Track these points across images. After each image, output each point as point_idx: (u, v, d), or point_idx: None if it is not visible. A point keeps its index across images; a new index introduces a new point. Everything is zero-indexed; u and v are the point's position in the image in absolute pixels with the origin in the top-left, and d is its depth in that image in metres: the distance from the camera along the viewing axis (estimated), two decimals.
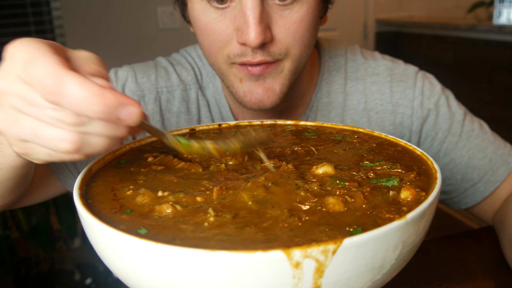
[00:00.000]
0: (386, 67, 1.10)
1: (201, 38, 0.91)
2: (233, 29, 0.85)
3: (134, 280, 0.47)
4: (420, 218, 0.47)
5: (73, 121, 0.48)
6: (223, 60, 0.89)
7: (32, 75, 0.46)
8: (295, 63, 0.89)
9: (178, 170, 0.63)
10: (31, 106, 0.48)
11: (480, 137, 1.05)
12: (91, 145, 0.50)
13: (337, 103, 1.08)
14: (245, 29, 0.81)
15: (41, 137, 0.49)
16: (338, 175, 0.59)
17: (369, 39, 4.09)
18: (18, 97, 0.48)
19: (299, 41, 0.87)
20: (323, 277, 0.42)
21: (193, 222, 0.48)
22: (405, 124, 1.08)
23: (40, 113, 0.48)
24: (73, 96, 0.45)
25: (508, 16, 3.00)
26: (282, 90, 0.90)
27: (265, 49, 0.85)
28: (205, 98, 1.08)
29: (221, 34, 0.86)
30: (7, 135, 0.52)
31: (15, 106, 0.49)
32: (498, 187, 1.03)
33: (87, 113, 0.46)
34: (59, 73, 0.46)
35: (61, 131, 0.49)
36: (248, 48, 0.84)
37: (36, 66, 0.46)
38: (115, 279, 2.14)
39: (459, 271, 0.85)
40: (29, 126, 0.49)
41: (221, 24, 0.85)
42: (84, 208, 0.50)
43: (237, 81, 0.90)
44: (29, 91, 0.48)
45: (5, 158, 0.65)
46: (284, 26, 0.85)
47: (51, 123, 0.49)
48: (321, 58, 1.10)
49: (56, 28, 3.20)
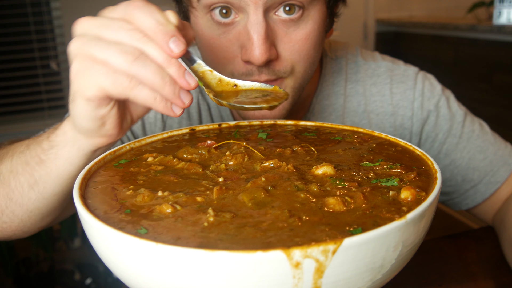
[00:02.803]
0: (386, 68, 1.10)
1: (204, 53, 0.90)
2: (238, 46, 0.83)
3: (134, 280, 0.47)
4: (420, 218, 0.47)
5: (138, 34, 0.57)
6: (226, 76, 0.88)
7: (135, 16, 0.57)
8: (298, 80, 0.88)
9: (178, 170, 0.63)
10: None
11: (481, 138, 1.05)
12: (143, 73, 0.56)
13: (337, 105, 1.08)
14: (250, 47, 0.80)
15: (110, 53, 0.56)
16: (338, 175, 0.59)
17: (369, 39, 4.09)
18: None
19: (304, 58, 0.86)
20: (323, 277, 0.42)
21: (193, 222, 0.48)
22: (406, 125, 1.08)
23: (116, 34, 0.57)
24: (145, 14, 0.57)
25: (508, 16, 3.00)
26: (285, 106, 0.89)
27: (270, 67, 0.83)
28: (206, 101, 1.07)
29: (225, 51, 0.85)
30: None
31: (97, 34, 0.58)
32: (498, 188, 1.03)
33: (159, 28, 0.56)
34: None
35: (126, 47, 0.56)
36: (253, 67, 0.83)
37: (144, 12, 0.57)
38: (115, 279, 2.13)
39: (459, 271, 0.85)
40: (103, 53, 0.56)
41: (225, 41, 0.84)
42: (84, 208, 0.50)
43: None
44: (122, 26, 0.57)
45: (59, 160, 0.68)
46: (289, 44, 0.83)
47: (122, 39, 0.57)
48: (322, 59, 1.10)
49: (56, 28, 3.20)
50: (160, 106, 0.59)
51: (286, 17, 0.82)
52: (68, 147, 0.67)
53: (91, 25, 0.59)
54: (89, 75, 0.57)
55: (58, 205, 0.77)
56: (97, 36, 0.57)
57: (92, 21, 0.59)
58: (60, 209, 0.79)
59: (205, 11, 0.83)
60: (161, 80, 0.57)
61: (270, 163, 0.63)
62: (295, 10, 0.82)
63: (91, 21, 0.59)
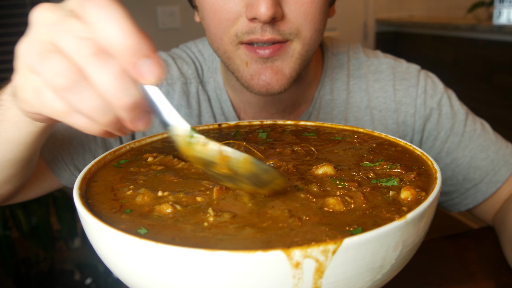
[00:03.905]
0: (389, 65, 1.10)
1: (207, 19, 0.88)
2: (242, 5, 0.82)
3: (134, 280, 0.47)
4: (420, 218, 0.47)
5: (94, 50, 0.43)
6: (229, 41, 0.86)
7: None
8: (305, 47, 0.87)
9: (178, 170, 0.63)
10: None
11: (482, 137, 1.05)
12: (82, 97, 0.44)
13: (340, 101, 1.08)
14: (256, 2, 0.79)
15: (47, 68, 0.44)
16: (338, 175, 0.59)
17: (369, 39, 4.09)
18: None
19: (310, 22, 0.84)
20: (323, 277, 0.42)
21: (193, 222, 0.48)
22: (408, 122, 1.08)
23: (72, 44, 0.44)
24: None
25: (508, 16, 3.00)
26: (291, 73, 0.88)
27: (275, 26, 0.82)
28: (206, 93, 1.07)
29: (229, 12, 0.84)
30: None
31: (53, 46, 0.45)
32: (499, 187, 1.03)
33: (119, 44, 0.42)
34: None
35: (63, 65, 0.43)
36: (257, 25, 0.82)
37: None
38: (115, 279, 2.14)
39: (459, 271, 0.85)
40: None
41: (229, 2, 0.83)
42: (84, 208, 0.50)
43: (242, 64, 0.87)
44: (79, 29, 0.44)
45: (16, 124, 0.62)
46: (296, 5, 0.83)
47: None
48: (324, 54, 1.10)
49: None
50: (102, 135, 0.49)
51: None
52: (13, 108, 0.60)
53: (45, 21, 0.46)
54: (24, 88, 0.49)
55: (14, 172, 0.74)
56: (45, 40, 0.46)
57: (47, 15, 0.46)
58: (19, 177, 0.76)
59: None
60: (102, 117, 0.45)
61: (270, 163, 0.63)
62: None
63: (46, 14, 0.46)
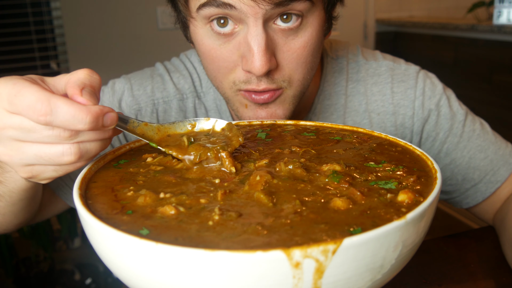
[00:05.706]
0: (387, 68, 1.10)
1: (205, 62, 0.89)
2: (238, 55, 0.83)
3: (134, 280, 0.47)
4: (420, 218, 0.47)
5: (68, 135, 0.54)
6: (228, 86, 0.88)
7: (21, 104, 0.52)
8: (298, 89, 0.88)
9: (177, 170, 0.63)
10: (28, 132, 0.54)
11: (481, 137, 1.05)
12: (89, 150, 0.57)
13: (338, 105, 1.08)
14: (250, 58, 0.80)
15: (45, 157, 0.56)
16: (339, 175, 0.59)
17: (369, 39, 4.09)
18: (13, 128, 0.54)
19: (302, 66, 0.85)
20: (323, 277, 0.42)
21: (193, 223, 0.48)
22: (407, 125, 1.07)
23: (38, 136, 0.54)
24: (65, 113, 0.52)
25: (508, 16, 3.00)
26: (285, 114, 0.90)
27: (269, 76, 0.83)
28: (204, 105, 1.07)
29: (226, 61, 0.84)
30: (12, 164, 0.58)
31: (13, 136, 0.55)
32: (499, 187, 1.03)
33: (78, 126, 0.53)
34: (46, 97, 0.51)
35: (62, 146, 0.55)
36: (253, 76, 0.83)
37: (23, 96, 0.52)
38: (115, 279, 2.14)
39: (459, 271, 0.85)
40: (31, 151, 0.56)
41: (225, 51, 0.84)
42: (84, 208, 0.50)
43: (242, 107, 0.89)
44: (22, 120, 0.53)
45: (15, 183, 0.71)
46: (288, 52, 0.83)
47: (50, 141, 0.55)
48: (323, 59, 1.10)
49: (56, 28, 3.20)
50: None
51: (285, 26, 0.81)
52: (12, 172, 0.70)
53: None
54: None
55: (27, 205, 0.81)
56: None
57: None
58: (26, 210, 0.83)
59: (205, 22, 0.83)
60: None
61: (265, 161, 0.63)
62: (293, 19, 0.81)
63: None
